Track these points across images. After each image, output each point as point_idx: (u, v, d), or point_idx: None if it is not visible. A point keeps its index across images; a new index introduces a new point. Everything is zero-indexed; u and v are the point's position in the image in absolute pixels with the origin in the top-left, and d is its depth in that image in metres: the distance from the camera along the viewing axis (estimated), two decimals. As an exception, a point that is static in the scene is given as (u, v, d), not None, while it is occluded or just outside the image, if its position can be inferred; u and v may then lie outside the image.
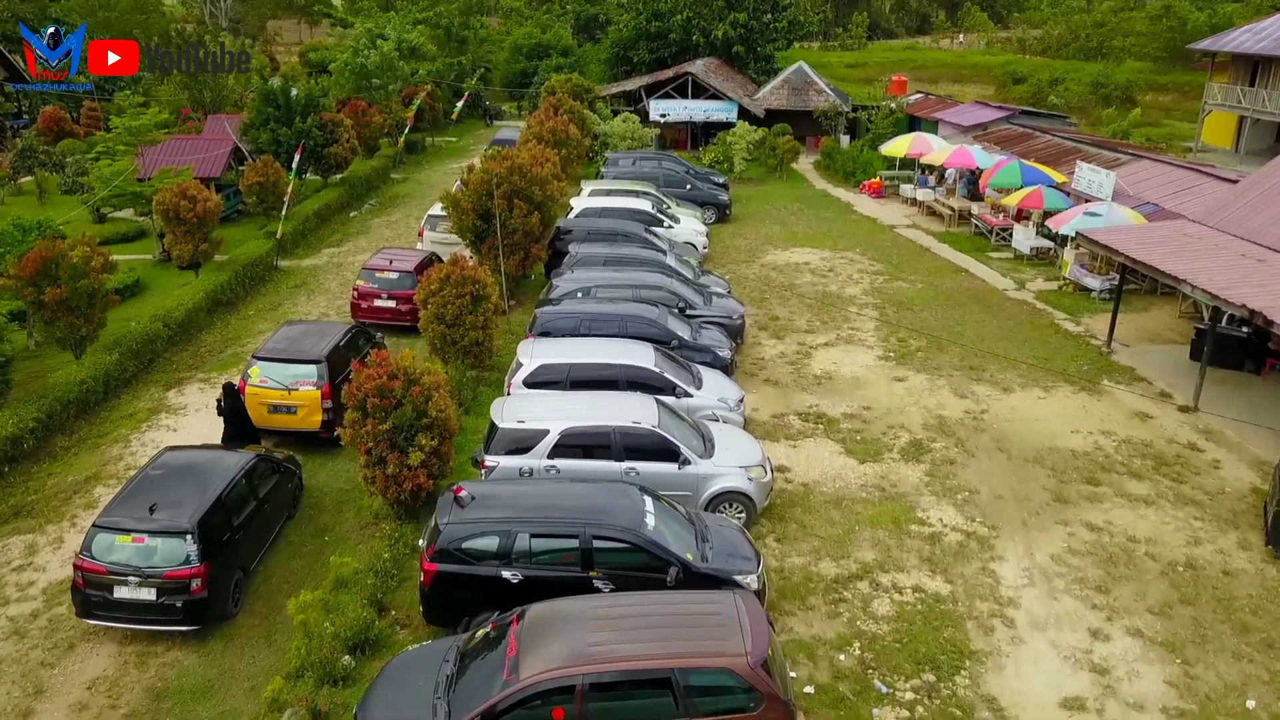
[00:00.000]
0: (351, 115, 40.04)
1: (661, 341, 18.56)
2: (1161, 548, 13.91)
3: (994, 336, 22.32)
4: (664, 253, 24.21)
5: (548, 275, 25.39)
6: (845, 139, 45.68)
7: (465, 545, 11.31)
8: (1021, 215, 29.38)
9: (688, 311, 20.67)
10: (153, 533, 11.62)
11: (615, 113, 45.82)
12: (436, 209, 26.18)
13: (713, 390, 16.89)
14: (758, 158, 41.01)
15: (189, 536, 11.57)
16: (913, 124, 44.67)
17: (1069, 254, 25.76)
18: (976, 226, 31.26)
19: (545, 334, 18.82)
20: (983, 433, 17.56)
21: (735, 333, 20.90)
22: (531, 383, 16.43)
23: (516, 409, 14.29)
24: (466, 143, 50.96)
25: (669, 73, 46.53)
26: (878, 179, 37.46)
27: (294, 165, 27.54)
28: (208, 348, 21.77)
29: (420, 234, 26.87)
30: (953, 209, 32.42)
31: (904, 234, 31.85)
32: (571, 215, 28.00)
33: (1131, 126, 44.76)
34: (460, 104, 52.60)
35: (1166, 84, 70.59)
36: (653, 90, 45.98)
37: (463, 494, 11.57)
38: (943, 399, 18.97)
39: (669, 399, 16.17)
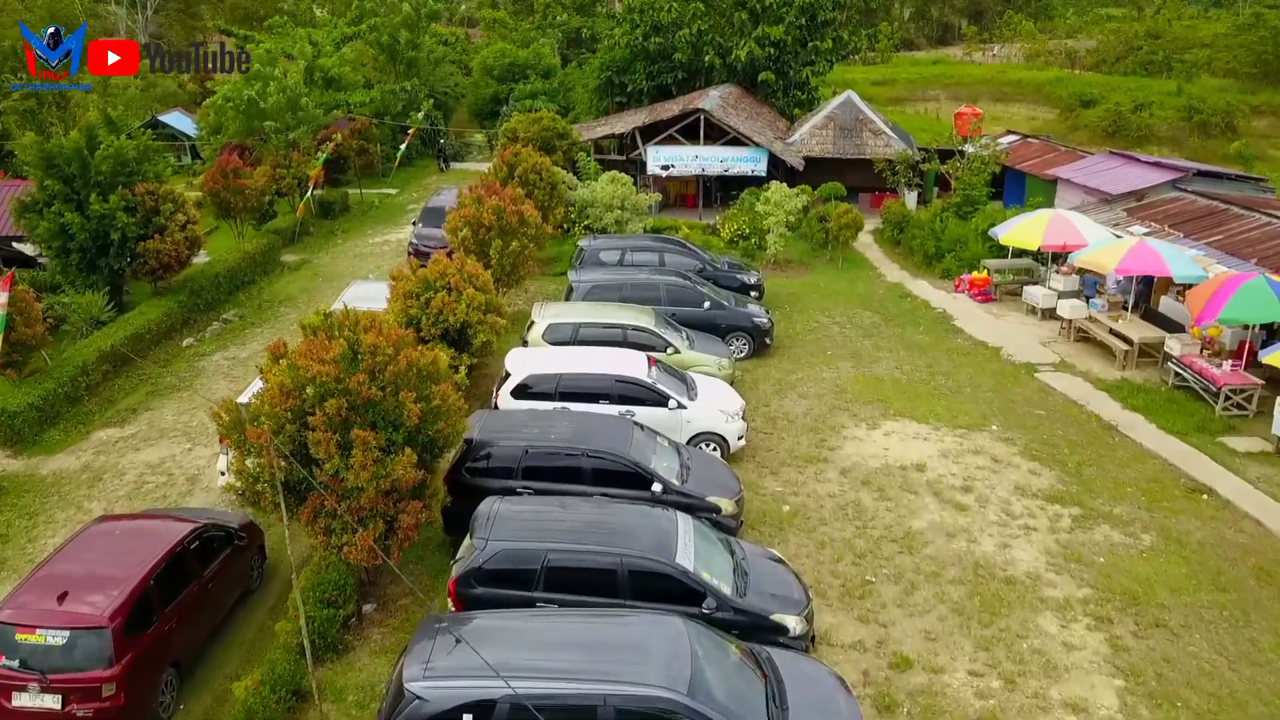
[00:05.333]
0: (216, 177, 28.03)
1: None
2: None
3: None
4: (669, 508, 12.23)
5: (448, 526, 13.53)
6: (912, 198, 33.65)
7: None
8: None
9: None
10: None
11: (601, 162, 33.82)
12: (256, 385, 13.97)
13: None
14: (796, 226, 28.92)
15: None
16: (1007, 181, 32.66)
17: None
18: (1178, 375, 19.14)
19: None
20: None
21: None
22: None
23: None
24: (409, 196, 38.78)
25: (673, 108, 34.49)
26: (984, 273, 25.35)
27: None
28: None
29: (221, 443, 14.59)
30: (1131, 342, 20.28)
31: (1054, 384, 19.70)
32: (508, 387, 15.95)
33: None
34: (404, 146, 40.65)
35: (1261, 106, 59.06)
36: (651, 133, 33.96)
37: None
38: None
39: None
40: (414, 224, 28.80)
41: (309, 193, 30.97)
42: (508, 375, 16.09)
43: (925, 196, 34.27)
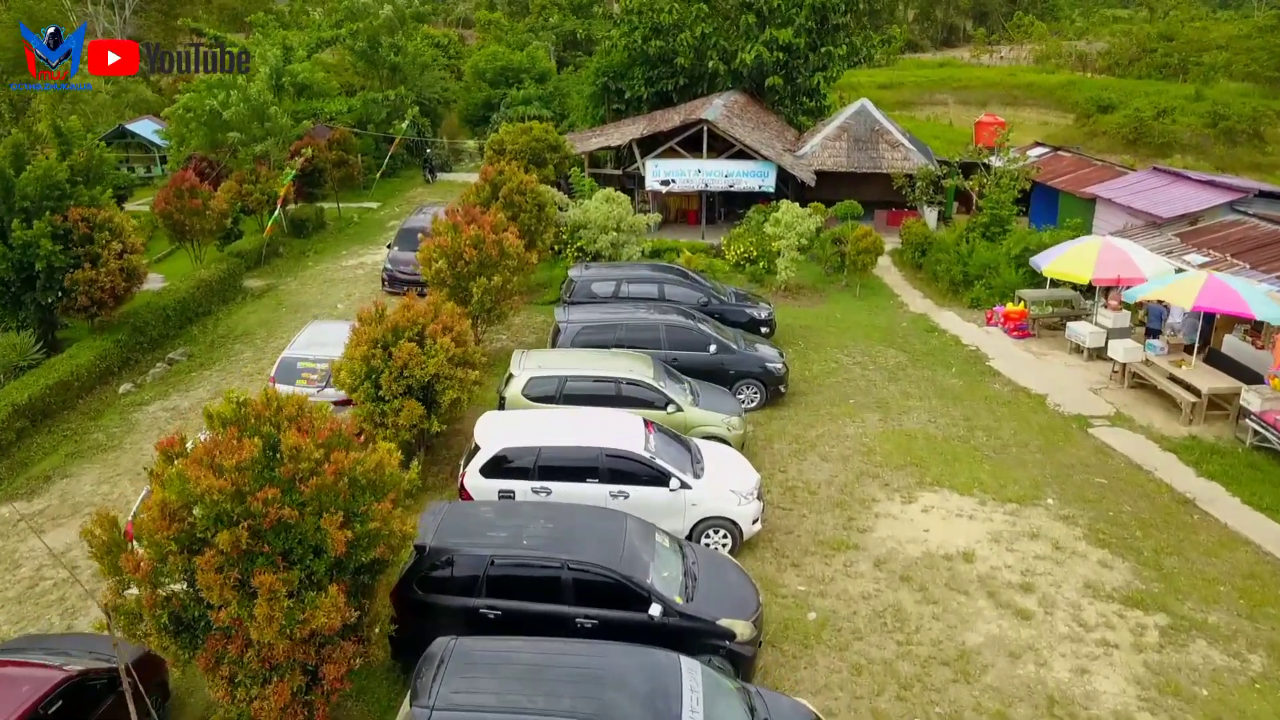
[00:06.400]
0: (169, 196, 25.46)
1: None
2: None
3: None
4: (670, 647, 9.66)
5: (397, 651, 10.95)
6: (933, 216, 31.10)
7: None
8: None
9: None
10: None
11: (596, 176, 31.32)
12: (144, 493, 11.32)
13: None
14: (808, 248, 26.28)
15: None
16: (1035, 197, 30.11)
17: None
18: (1258, 433, 16.56)
19: None
20: None
21: None
22: None
23: None
24: (390, 211, 36.23)
25: (674, 118, 31.94)
26: (1019, 305, 22.81)
27: None
28: None
29: (129, 537, 11.90)
30: (1199, 393, 17.70)
31: (1113, 443, 17.12)
32: (477, 463, 13.36)
33: None
34: (388, 157, 38.08)
35: (1283, 111, 56.35)
36: (650, 145, 31.43)
37: None
38: None
39: None
40: (389, 247, 26.23)
41: (276, 211, 28.36)
42: (477, 449, 13.51)
43: (945, 214, 31.76)
